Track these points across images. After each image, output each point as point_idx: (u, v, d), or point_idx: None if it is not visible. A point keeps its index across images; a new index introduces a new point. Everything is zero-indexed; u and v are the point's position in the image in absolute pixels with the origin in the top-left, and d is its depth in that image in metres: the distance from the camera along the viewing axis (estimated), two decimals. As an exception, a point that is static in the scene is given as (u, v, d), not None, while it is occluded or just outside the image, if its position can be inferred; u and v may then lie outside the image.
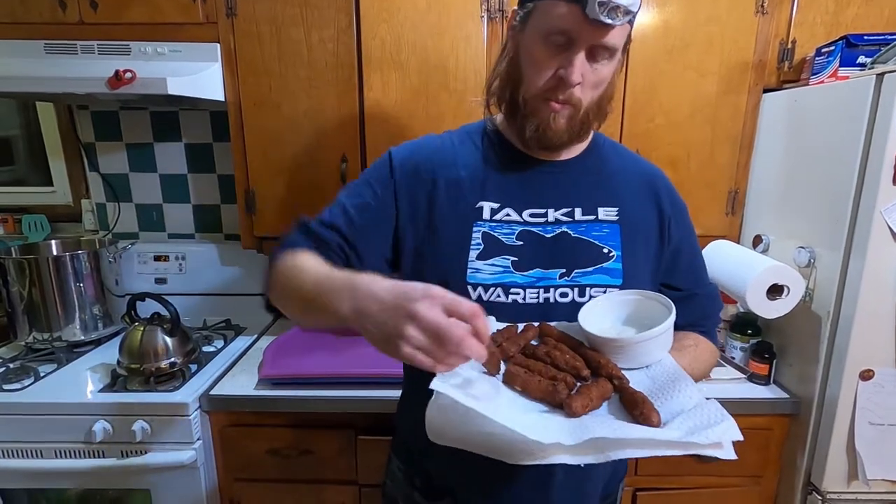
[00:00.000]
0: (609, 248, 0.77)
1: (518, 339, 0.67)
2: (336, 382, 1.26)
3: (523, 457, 0.51)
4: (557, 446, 0.49)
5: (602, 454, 0.51)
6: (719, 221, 1.44)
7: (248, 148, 1.41)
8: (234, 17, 1.32)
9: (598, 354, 0.64)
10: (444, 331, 0.48)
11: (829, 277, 1.15)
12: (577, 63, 0.67)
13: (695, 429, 0.52)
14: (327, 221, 0.77)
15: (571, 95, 0.70)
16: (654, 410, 0.55)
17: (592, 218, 0.78)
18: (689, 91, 1.35)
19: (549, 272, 0.75)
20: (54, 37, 1.33)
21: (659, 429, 0.53)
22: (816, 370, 1.19)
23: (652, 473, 1.29)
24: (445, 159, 0.80)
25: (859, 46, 1.18)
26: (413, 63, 1.33)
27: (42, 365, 1.39)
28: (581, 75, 0.68)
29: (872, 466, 1.15)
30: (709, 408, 0.55)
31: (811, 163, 1.22)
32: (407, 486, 0.86)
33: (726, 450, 0.51)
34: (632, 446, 0.51)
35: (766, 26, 1.32)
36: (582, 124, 0.74)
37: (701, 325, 0.85)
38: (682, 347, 0.76)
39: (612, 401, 0.60)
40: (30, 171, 1.82)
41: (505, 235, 0.76)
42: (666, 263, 0.82)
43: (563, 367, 0.62)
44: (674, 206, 0.83)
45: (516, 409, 0.58)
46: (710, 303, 0.88)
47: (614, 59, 0.71)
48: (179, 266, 1.72)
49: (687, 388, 0.59)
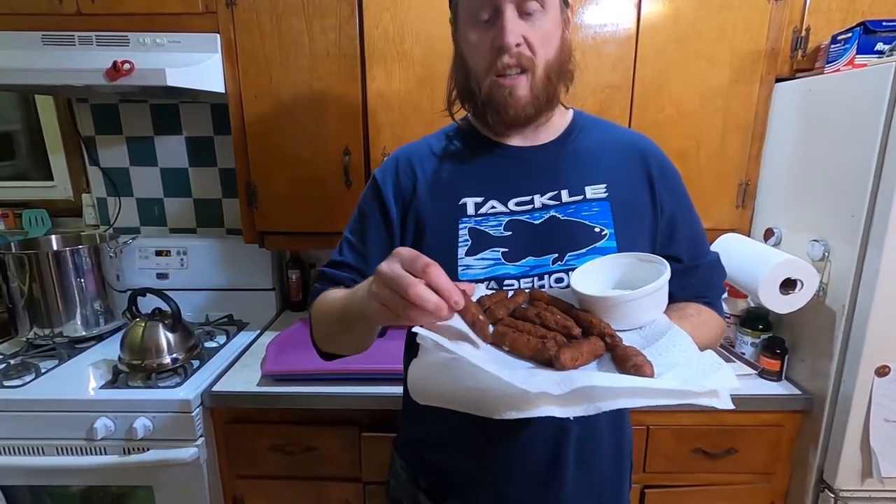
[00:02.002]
0: (601, 227, 0.74)
1: (507, 303, 0.65)
2: (340, 379, 1.25)
3: (508, 409, 0.48)
4: (544, 396, 0.47)
5: (592, 405, 0.48)
6: (730, 214, 1.41)
7: (249, 141, 1.39)
8: (234, 6, 1.30)
9: (589, 315, 0.61)
10: (395, 279, 0.50)
11: (843, 271, 1.12)
12: (508, 23, 0.67)
13: (689, 378, 0.49)
14: (337, 261, 0.82)
15: (521, 57, 0.69)
16: (648, 362, 0.52)
17: (580, 198, 0.76)
18: (700, 81, 1.32)
19: (542, 259, 0.74)
20: (51, 28, 1.31)
21: (652, 378, 0.50)
22: (830, 366, 1.16)
23: (660, 471, 1.27)
24: (424, 163, 0.81)
25: (877, 33, 1.14)
26: (417, 53, 1.30)
27: (43, 361, 1.38)
28: (519, 35, 0.68)
29: (887, 464, 1.13)
30: (704, 358, 0.52)
31: (825, 154, 1.19)
32: (411, 486, 0.84)
33: (723, 399, 0.48)
34: (624, 395, 0.48)
35: (779, 13, 1.28)
36: (545, 89, 0.72)
37: (704, 297, 0.82)
38: (682, 317, 0.73)
39: (605, 361, 0.57)
40: (30, 166, 1.80)
41: (492, 228, 0.75)
42: (662, 234, 0.80)
43: (552, 326, 0.60)
44: (663, 173, 0.80)
45: (504, 366, 0.55)
46: (713, 273, 0.84)
47: (549, 10, 0.69)
48: (181, 261, 1.70)
49: (681, 342, 0.57)
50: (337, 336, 0.74)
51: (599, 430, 0.77)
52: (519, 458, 0.74)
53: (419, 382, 0.54)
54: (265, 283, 1.73)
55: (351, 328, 0.68)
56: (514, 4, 0.67)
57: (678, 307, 0.76)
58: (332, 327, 0.73)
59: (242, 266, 1.71)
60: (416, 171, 0.80)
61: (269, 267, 1.72)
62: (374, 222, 0.80)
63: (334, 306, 0.71)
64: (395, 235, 0.79)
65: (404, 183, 0.80)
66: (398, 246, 0.76)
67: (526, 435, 0.74)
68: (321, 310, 0.76)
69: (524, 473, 0.75)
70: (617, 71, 1.31)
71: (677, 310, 0.75)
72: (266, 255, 1.70)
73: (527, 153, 0.79)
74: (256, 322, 1.65)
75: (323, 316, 0.75)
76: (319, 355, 0.82)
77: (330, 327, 0.74)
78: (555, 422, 0.72)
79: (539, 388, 0.47)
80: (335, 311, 0.70)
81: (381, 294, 0.52)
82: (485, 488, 0.77)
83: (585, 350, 0.55)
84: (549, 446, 0.74)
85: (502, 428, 0.74)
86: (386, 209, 0.80)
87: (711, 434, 1.24)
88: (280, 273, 1.80)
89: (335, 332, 0.74)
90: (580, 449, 0.75)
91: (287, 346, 1.38)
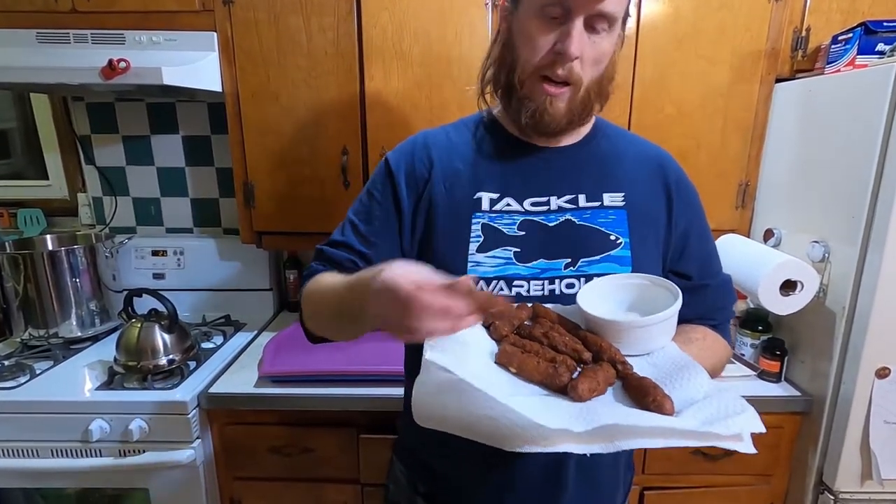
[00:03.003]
0: (616, 235, 0.73)
1: (511, 319, 0.62)
2: (338, 380, 1.24)
3: (523, 444, 0.46)
4: (565, 433, 0.45)
5: (611, 443, 0.46)
6: (729, 215, 1.40)
7: (246, 140, 1.38)
8: (231, 4, 1.28)
9: (597, 338, 0.60)
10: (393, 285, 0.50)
11: (844, 273, 1.12)
12: (576, 34, 0.64)
13: (712, 418, 0.48)
14: (338, 241, 0.78)
15: (571, 71, 0.67)
16: (667, 397, 0.50)
17: (597, 204, 0.75)
18: (700, 80, 1.31)
19: (554, 262, 0.72)
20: (46, 25, 1.29)
21: (673, 417, 0.49)
22: (830, 368, 1.16)
23: (659, 472, 1.27)
24: (441, 152, 0.78)
25: (878, 33, 1.13)
26: (416, 52, 1.29)
27: (38, 362, 1.36)
28: (580, 49, 0.65)
29: (887, 466, 1.13)
30: (725, 397, 0.51)
31: (826, 154, 1.19)
32: (410, 490, 0.83)
33: (745, 443, 0.47)
34: (645, 435, 0.46)
35: (779, 13, 1.28)
36: (583, 106, 0.71)
37: (711, 318, 0.79)
38: (687, 340, 0.70)
39: (615, 388, 0.55)
40: (25, 165, 1.79)
41: (506, 226, 0.73)
42: (674, 249, 0.78)
43: (562, 349, 0.58)
44: (681, 189, 0.79)
45: (513, 391, 0.53)
46: (722, 295, 0.82)
47: (614, 32, 0.68)
48: (177, 261, 1.69)
49: (697, 376, 0.55)
50: (328, 327, 0.73)
51: None
52: (520, 467, 0.73)
53: (424, 406, 0.51)
54: (262, 283, 1.72)
55: (344, 328, 0.68)
56: (586, 17, 0.64)
57: (683, 330, 0.72)
58: (325, 319, 0.72)
59: (239, 266, 1.70)
60: (433, 159, 0.77)
61: (267, 267, 1.71)
62: (384, 206, 0.76)
63: (329, 297, 0.68)
64: (404, 223, 0.76)
65: (419, 169, 0.76)
66: (405, 232, 0.76)
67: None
68: (315, 295, 0.72)
69: (525, 482, 0.73)
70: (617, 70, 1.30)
71: (682, 333, 0.71)
72: (263, 255, 1.69)
73: (547, 153, 0.77)
74: (254, 323, 1.64)
75: (315, 303, 0.72)
76: (307, 336, 0.79)
77: (322, 318, 0.73)
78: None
79: (559, 424, 0.45)
80: (330, 303, 0.68)
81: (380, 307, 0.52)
82: (485, 496, 0.75)
83: (601, 379, 0.53)
84: (551, 456, 0.73)
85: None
86: (397, 195, 0.76)
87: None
88: (277, 273, 1.78)
89: (326, 323, 0.73)
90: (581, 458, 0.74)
91: (285, 347, 1.37)
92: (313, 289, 0.73)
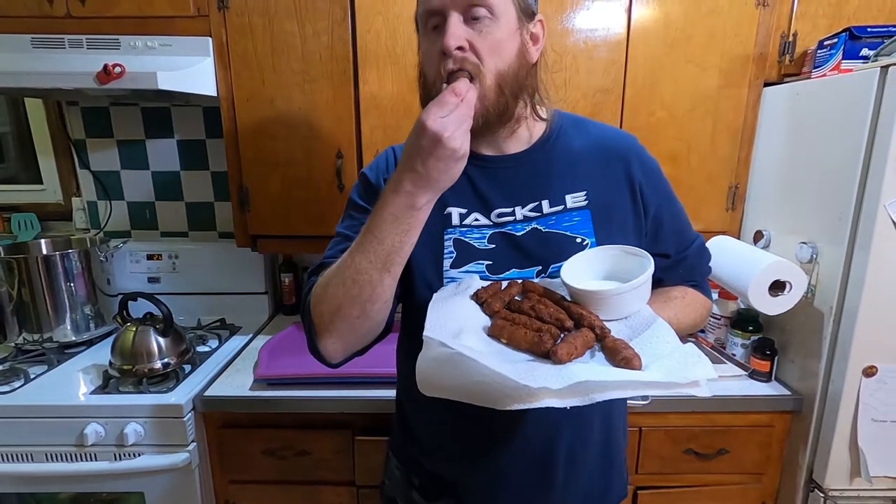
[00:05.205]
0: (582, 237, 0.75)
1: (502, 295, 0.68)
2: (333, 382, 1.24)
3: (511, 402, 0.53)
4: (545, 390, 0.51)
5: (587, 397, 0.53)
6: (720, 216, 1.42)
7: (241, 144, 1.38)
8: (226, 9, 1.29)
9: (579, 307, 0.66)
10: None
11: (831, 273, 1.14)
12: (449, 27, 0.66)
13: (673, 370, 0.54)
14: (330, 255, 0.75)
15: (465, 62, 0.67)
16: (636, 355, 0.57)
17: (561, 208, 0.76)
18: (690, 84, 1.33)
19: (525, 272, 0.75)
20: (41, 31, 1.29)
21: (640, 371, 0.55)
22: (819, 367, 1.17)
23: (652, 472, 1.28)
24: None
25: (863, 39, 1.16)
26: (409, 56, 1.30)
27: (32, 366, 1.36)
28: (461, 39, 0.66)
29: (875, 463, 1.14)
30: (685, 350, 0.58)
31: (813, 157, 1.21)
32: (405, 485, 0.85)
33: (702, 388, 0.53)
34: (615, 388, 0.53)
35: (767, 18, 1.30)
36: (497, 101, 0.70)
37: (692, 280, 0.85)
38: (668, 300, 0.78)
39: (595, 350, 0.62)
40: (20, 169, 1.78)
41: (476, 240, 0.75)
42: (649, 234, 0.81)
43: (547, 319, 0.64)
44: (645, 171, 0.80)
45: (503, 359, 0.59)
46: (699, 259, 0.87)
47: (500, 18, 0.68)
48: (172, 265, 1.69)
49: (664, 334, 0.62)
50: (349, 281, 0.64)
51: (590, 434, 0.78)
52: (511, 460, 0.75)
53: (427, 376, 0.57)
54: (258, 286, 1.72)
55: (372, 251, 0.62)
56: (460, 11, 0.66)
57: (663, 291, 0.80)
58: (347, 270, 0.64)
59: (235, 270, 1.70)
60: None
61: (262, 270, 1.71)
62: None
63: (346, 253, 0.64)
64: None
65: None
66: None
67: (518, 437, 0.74)
68: (326, 275, 0.67)
69: (516, 474, 0.75)
70: (608, 75, 1.32)
71: (662, 293, 0.79)
72: (258, 259, 1.69)
73: (505, 161, 0.78)
74: (249, 326, 1.65)
75: (330, 275, 0.66)
76: (321, 359, 0.73)
77: (342, 276, 0.64)
78: (547, 425, 0.74)
79: (540, 383, 0.51)
80: (351, 251, 0.63)
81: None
82: (477, 489, 0.77)
83: (579, 344, 0.59)
84: (540, 448, 0.75)
85: (495, 430, 0.74)
86: None
87: (703, 435, 1.25)
88: (273, 277, 1.79)
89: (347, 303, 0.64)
90: (570, 451, 0.76)
91: (280, 350, 1.38)
92: (322, 277, 0.69)
